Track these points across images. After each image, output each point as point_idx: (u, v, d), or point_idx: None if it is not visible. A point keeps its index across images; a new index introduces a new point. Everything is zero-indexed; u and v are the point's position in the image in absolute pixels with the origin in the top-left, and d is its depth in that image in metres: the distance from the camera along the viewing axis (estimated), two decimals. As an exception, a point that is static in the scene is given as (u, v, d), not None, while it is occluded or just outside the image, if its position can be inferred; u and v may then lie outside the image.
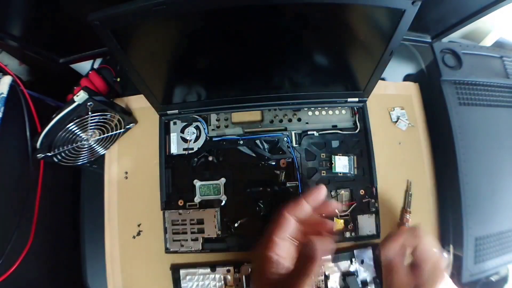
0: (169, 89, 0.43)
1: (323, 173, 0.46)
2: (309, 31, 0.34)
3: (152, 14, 0.28)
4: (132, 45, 0.33)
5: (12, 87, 0.42)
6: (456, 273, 0.45)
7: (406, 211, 0.47)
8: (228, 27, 0.32)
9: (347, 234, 0.45)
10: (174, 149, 0.47)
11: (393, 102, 0.51)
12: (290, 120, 0.48)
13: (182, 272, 0.44)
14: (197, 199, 0.45)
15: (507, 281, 0.47)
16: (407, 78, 0.56)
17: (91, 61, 0.54)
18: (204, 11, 0.29)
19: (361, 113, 0.48)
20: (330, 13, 0.31)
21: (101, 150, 0.48)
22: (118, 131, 0.47)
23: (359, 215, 0.45)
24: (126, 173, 0.49)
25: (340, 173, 0.45)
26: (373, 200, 0.46)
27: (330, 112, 0.48)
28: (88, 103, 0.40)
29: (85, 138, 0.44)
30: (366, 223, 0.45)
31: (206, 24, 0.31)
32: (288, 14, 0.31)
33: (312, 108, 0.48)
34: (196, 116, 0.48)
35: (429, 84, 0.53)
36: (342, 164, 0.45)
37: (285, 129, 0.48)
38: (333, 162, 0.45)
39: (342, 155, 0.46)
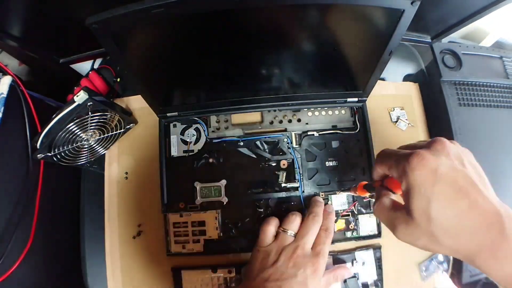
0: (168, 91, 0.43)
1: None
2: (308, 31, 0.34)
3: (151, 17, 0.28)
4: (131, 48, 0.33)
5: (12, 87, 0.42)
6: (456, 273, 0.45)
7: None
8: (227, 29, 0.32)
9: (348, 234, 0.45)
10: (175, 151, 0.47)
11: (393, 102, 0.51)
12: (290, 121, 0.48)
13: (183, 272, 0.44)
14: (198, 201, 0.45)
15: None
16: (407, 78, 0.56)
17: (91, 61, 0.54)
18: (203, 14, 0.29)
19: (361, 113, 0.48)
20: (329, 14, 0.31)
21: (101, 150, 0.48)
22: (118, 131, 0.47)
23: (360, 215, 0.45)
24: (126, 173, 0.49)
25: (341, 210, 0.45)
26: (373, 200, 0.45)
27: (330, 112, 0.48)
28: (88, 103, 0.40)
29: (85, 138, 0.44)
30: (367, 223, 0.45)
31: (205, 26, 0.31)
32: (287, 15, 0.31)
33: (312, 109, 0.48)
34: (196, 118, 0.48)
35: (429, 85, 0.53)
36: (340, 201, 0.45)
37: (285, 130, 0.48)
38: (330, 200, 0.45)
39: (340, 193, 0.46)
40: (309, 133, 0.47)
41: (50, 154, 0.41)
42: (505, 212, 0.23)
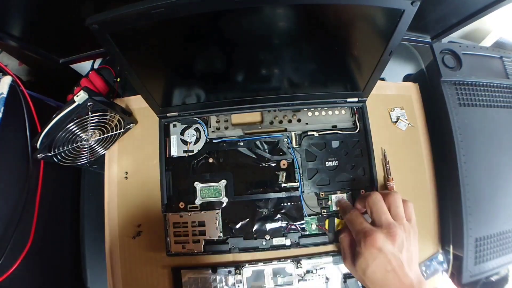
0: (168, 92, 0.43)
1: (324, 212, 0.45)
2: (308, 31, 0.34)
3: (151, 17, 0.28)
4: (131, 49, 0.33)
5: (12, 87, 0.42)
6: (457, 273, 0.45)
7: (389, 179, 0.47)
8: (227, 29, 0.32)
9: (348, 234, 0.45)
10: (174, 151, 0.47)
11: (393, 102, 0.51)
12: (290, 121, 0.48)
13: (183, 272, 0.44)
14: (198, 201, 0.45)
15: (507, 282, 0.47)
16: (407, 78, 0.56)
17: (91, 61, 0.54)
18: (202, 14, 0.29)
19: (361, 113, 0.48)
20: (328, 14, 0.31)
21: (101, 150, 0.48)
22: (118, 131, 0.47)
23: (359, 216, 0.45)
24: (126, 173, 0.49)
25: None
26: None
27: (330, 112, 0.48)
28: (88, 103, 0.40)
29: (85, 138, 0.44)
30: (366, 223, 0.45)
31: (205, 26, 0.31)
32: (287, 15, 0.31)
33: (312, 109, 0.48)
34: (195, 118, 0.48)
35: (429, 85, 0.53)
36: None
37: (285, 130, 0.48)
38: (330, 200, 0.46)
39: (340, 193, 0.46)
40: (309, 133, 0.47)
41: (50, 154, 0.41)
42: (417, 284, 0.35)
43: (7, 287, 0.39)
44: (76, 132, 0.42)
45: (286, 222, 0.45)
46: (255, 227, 0.44)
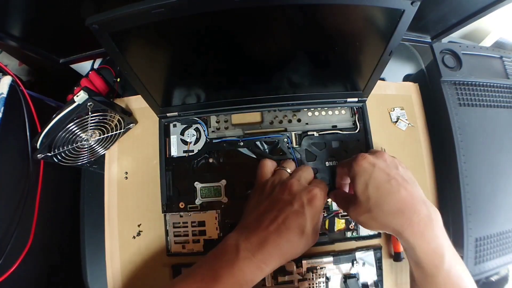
0: (168, 92, 0.43)
1: (324, 212, 0.45)
2: (308, 32, 0.34)
3: (151, 17, 0.28)
4: (131, 49, 0.33)
5: (12, 87, 0.42)
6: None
7: None
8: (227, 29, 0.32)
9: (348, 234, 0.45)
10: (174, 151, 0.47)
11: (393, 102, 0.51)
12: (290, 121, 0.48)
13: (183, 270, 0.44)
14: (198, 201, 0.45)
15: (507, 282, 0.47)
16: (407, 78, 0.56)
17: (91, 61, 0.54)
18: (202, 14, 0.29)
19: (361, 113, 0.48)
20: (328, 14, 0.31)
21: (101, 150, 0.48)
22: (118, 131, 0.47)
23: (359, 216, 0.45)
24: (126, 173, 0.49)
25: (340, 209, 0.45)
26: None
27: (330, 112, 0.48)
28: (88, 103, 0.40)
29: (85, 138, 0.44)
30: (366, 224, 0.45)
31: (205, 26, 0.31)
32: (287, 15, 0.31)
33: (312, 109, 0.48)
34: (196, 118, 0.48)
35: (429, 85, 0.53)
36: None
37: (285, 130, 0.48)
38: (329, 203, 0.46)
39: None
40: (309, 133, 0.47)
41: (50, 154, 0.41)
42: (431, 206, 0.32)
43: (7, 287, 0.39)
44: (76, 132, 0.42)
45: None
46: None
